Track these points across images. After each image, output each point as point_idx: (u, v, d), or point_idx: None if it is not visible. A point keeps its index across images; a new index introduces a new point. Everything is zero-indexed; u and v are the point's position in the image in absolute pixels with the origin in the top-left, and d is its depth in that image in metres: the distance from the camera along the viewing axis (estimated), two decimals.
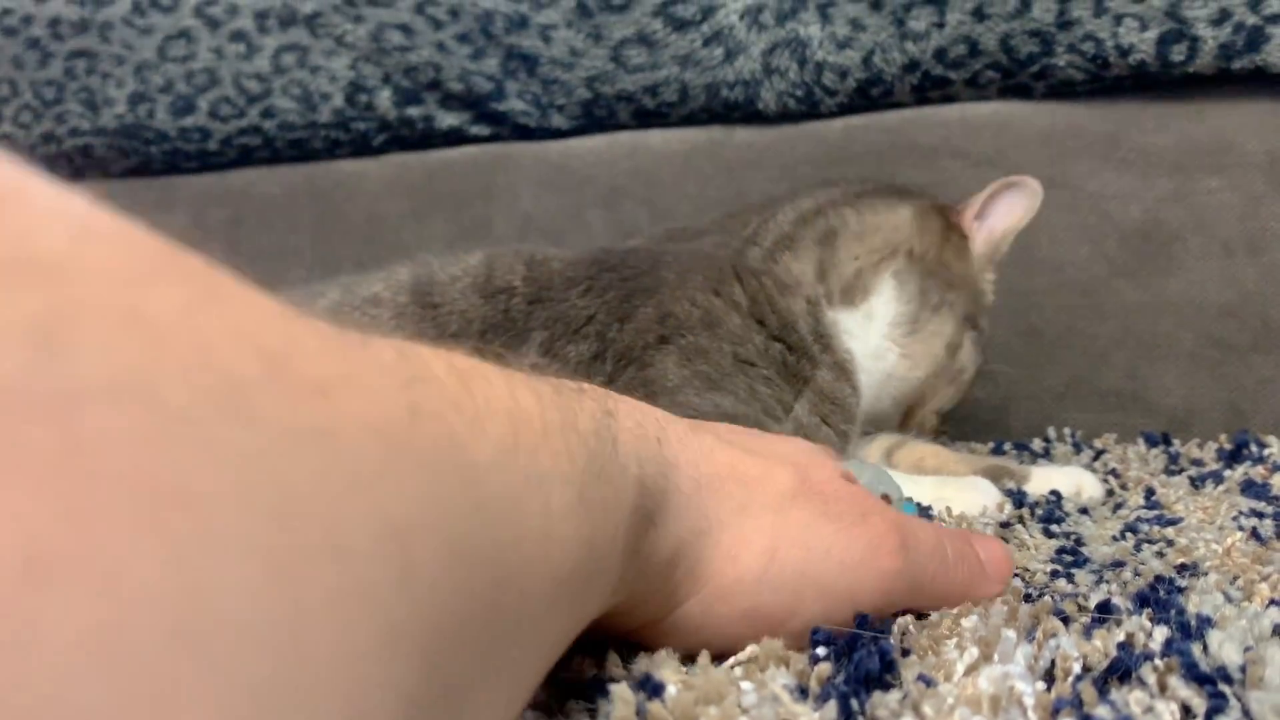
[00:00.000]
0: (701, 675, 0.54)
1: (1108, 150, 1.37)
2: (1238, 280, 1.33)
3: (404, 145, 1.68)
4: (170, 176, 1.79)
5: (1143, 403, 1.38)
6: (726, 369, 1.03)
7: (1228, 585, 0.70)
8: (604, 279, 1.10)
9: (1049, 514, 0.95)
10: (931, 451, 1.15)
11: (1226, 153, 1.33)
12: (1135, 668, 0.55)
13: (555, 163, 1.60)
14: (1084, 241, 1.39)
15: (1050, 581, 0.75)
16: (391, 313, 1.12)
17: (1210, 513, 0.94)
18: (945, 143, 1.42)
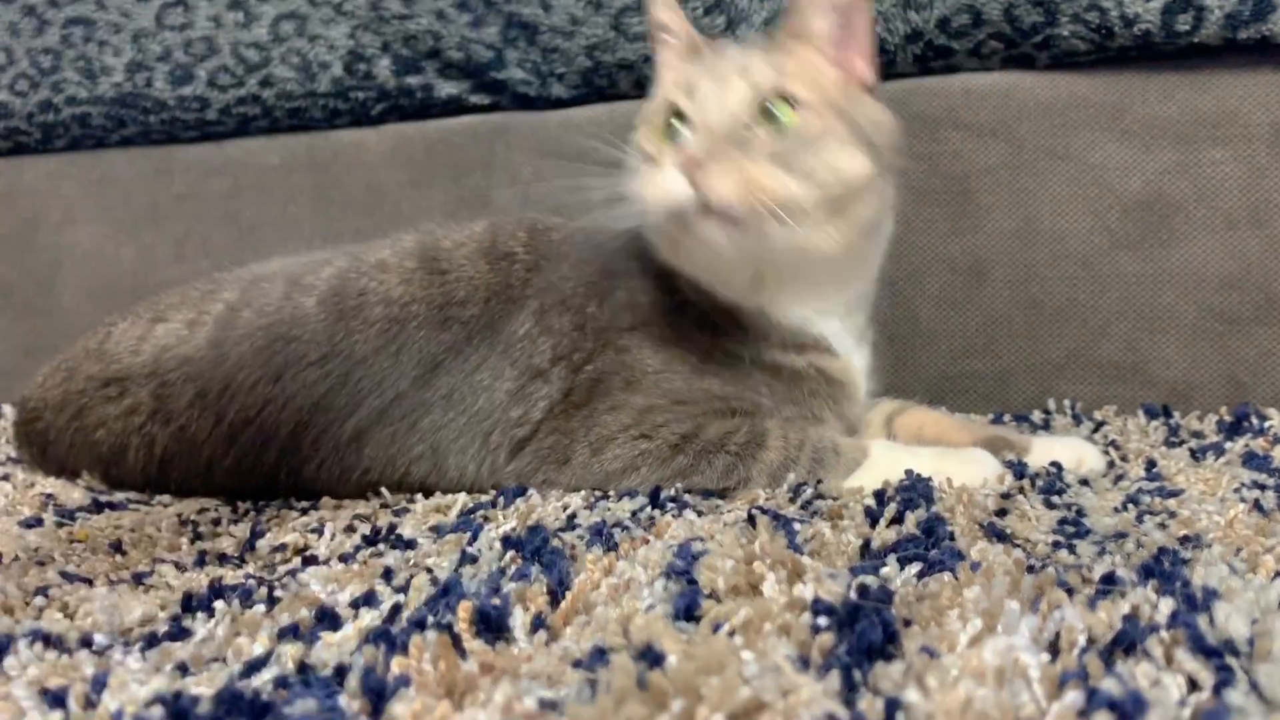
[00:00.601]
0: (703, 645, 0.54)
1: (1111, 121, 1.36)
2: (1240, 252, 1.33)
3: (403, 115, 1.67)
4: (168, 146, 1.78)
5: (1143, 375, 1.38)
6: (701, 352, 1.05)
7: (1232, 557, 0.70)
8: (589, 252, 1.12)
9: (1050, 485, 0.95)
10: (932, 420, 1.15)
11: (1231, 124, 1.32)
12: (1141, 640, 0.55)
13: (554, 133, 1.59)
14: (1086, 213, 1.38)
15: (1052, 552, 0.75)
16: (399, 278, 1.13)
17: (1212, 485, 0.94)
18: (948, 113, 1.42)
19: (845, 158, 0.99)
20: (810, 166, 0.97)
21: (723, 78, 1.00)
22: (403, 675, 0.56)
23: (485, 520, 0.91)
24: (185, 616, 0.72)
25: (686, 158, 0.93)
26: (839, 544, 0.76)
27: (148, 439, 1.13)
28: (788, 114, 0.97)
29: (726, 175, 0.92)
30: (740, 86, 0.98)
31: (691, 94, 1.00)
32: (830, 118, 0.99)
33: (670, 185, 0.94)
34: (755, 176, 0.93)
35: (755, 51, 1.03)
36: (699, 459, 1.00)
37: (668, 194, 0.95)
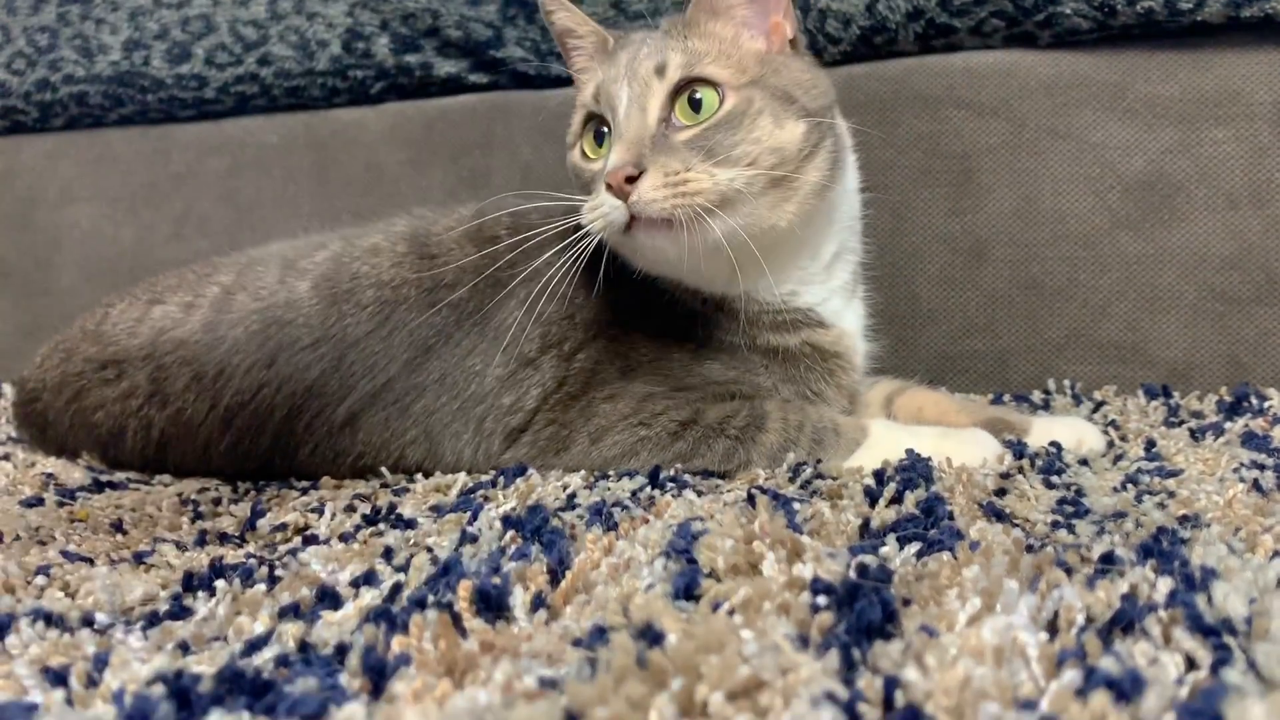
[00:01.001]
0: (702, 624, 0.54)
1: (1113, 100, 1.36)
2: (1241, 232, 1.32)
3: (402, 93, 1.67)
4: (166, 125, 1.77)
5: (1143, 355, 1.37)
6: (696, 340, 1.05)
7: (1231, 537, 0.70)
8: (571, 240, 1.11)
9: (1049, 465, 0.95)
10: (932, 400, 1.15)
11: (1233, 103, 1.31)
12: (1139, 619, 0.55)
13: (554, 111, 1.57)
14: (1087, 193, 1.38)
15: (1051, 532, 0.75)
16: (390, 262, 1.13)
17: (1211, 465, 0.94)
18: (949, 92, 1.41)
19: (777, 131, 0.98)
20: (741, 149, 0.96)
21: (635, 77, 0.99)
22: (403, 654, 0.56)
23: (485, 500, 0.91)
24: (186, 595, 0.72)
25: (611, 178, 0.93)
26: (838, 523, 0.76)
27: (145, 422, 1.13)
28: (709, 100, 0.97)
29: (652, 186, 0.92)
30: (654, 85, 0.98)
31: (609, 101, 1.00)
32: (755, 93, 0.98)
33: (606, 209, 0.95)
34: (682, 178, 0.93)
35: (667, 40, 1.01)
36: (698, 444, 1.00)
37: (606, 218, 0.96)
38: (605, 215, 0.95)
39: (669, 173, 0.93)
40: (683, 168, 0.93)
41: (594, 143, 1.03)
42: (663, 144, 0.95)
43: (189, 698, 0.51)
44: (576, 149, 1.05)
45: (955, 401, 1.17)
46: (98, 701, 0.53)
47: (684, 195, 0.93)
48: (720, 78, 0.97)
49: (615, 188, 0.93)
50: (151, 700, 0.50)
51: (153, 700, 0.50)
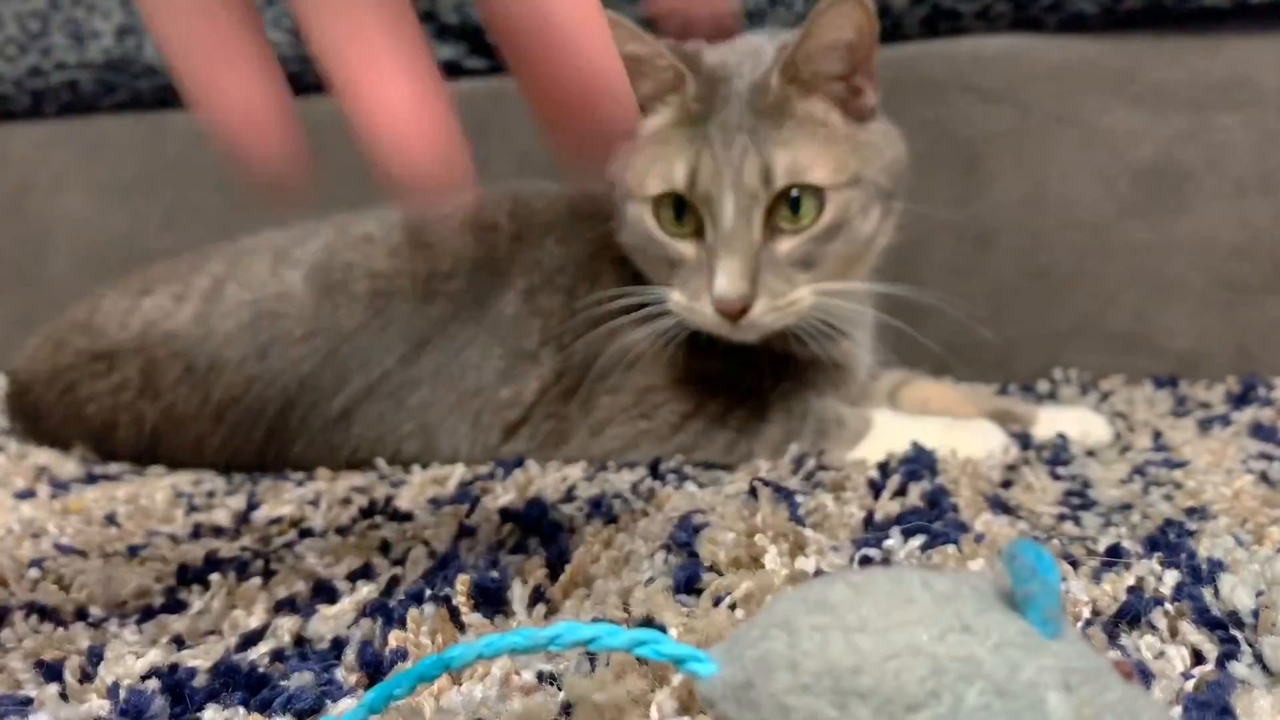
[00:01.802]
0: (704, 618, 0.54)
1: (1121, 86, 1.34)
2: (1250, 220, 1.31)
3: None
4: (160, 112, 1.76)
5: (1150, 344, 1.37)
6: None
7: (1238, 529, 0.70)
8: (575, 228, 1.11)
9: (1055, 456, 0.94)
10: (937, 392, 1.14)
11: (1242, 89, 1.30)
12: (1146, 612, 0.54)
13: None
14: (1094, 180, 1.37)
15: (1057, 524, 0.74)
16: (385, 251, 1.12)
17: (1218, 455, 0.94)
18: (955, 77, 1.40)
19: (864, 226, 0.96)
20: (832, 254, 0.95)
21: (741, 185, 0.91)
22: (400, 649, 0.55)
23: (483, 492, 0.90)
24: (181, 589, 0.71)
25: (724, 307, 0.91)
26: (842, 516, 0.75)
27: (137, 415, 1.12)
28: (809, 207, 0.93)
29: (761, 313, 0.92)
30: (761, 195, 0.92)
31: (707, 200, 0.93)
32: (854, 195, 0.95)
33: (712, 323, 0.94)
34: (788, 300, 0.93)
35: (763, 125, 0.93)
36: (700, 436, 0.99)
37: (708, 324, 0.95)
38: (710, 325, 0.95)
39: (776, 295, 0.92)
40: (788, 288, 0.93)
41: (673, 216, 0.96)
42: (767, 260, 0.92)
43: (184, 692, 0.51)
44: (649, 216, 0.97)
45: (960, 392, 1.16)
46: (92, 696, 0.53)
47: (786, 314, 0.94)
48: (822, 181, 0.93)
49: (727, 314, 0.92)
50: (146, 694, 0.50)
51: (147, 694, 0.50)
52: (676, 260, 0.96)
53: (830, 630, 0.35)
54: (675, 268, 0.97)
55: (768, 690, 0.35)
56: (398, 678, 0.43)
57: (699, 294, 0.93)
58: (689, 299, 0.95)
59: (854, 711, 0.33)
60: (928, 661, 0.33)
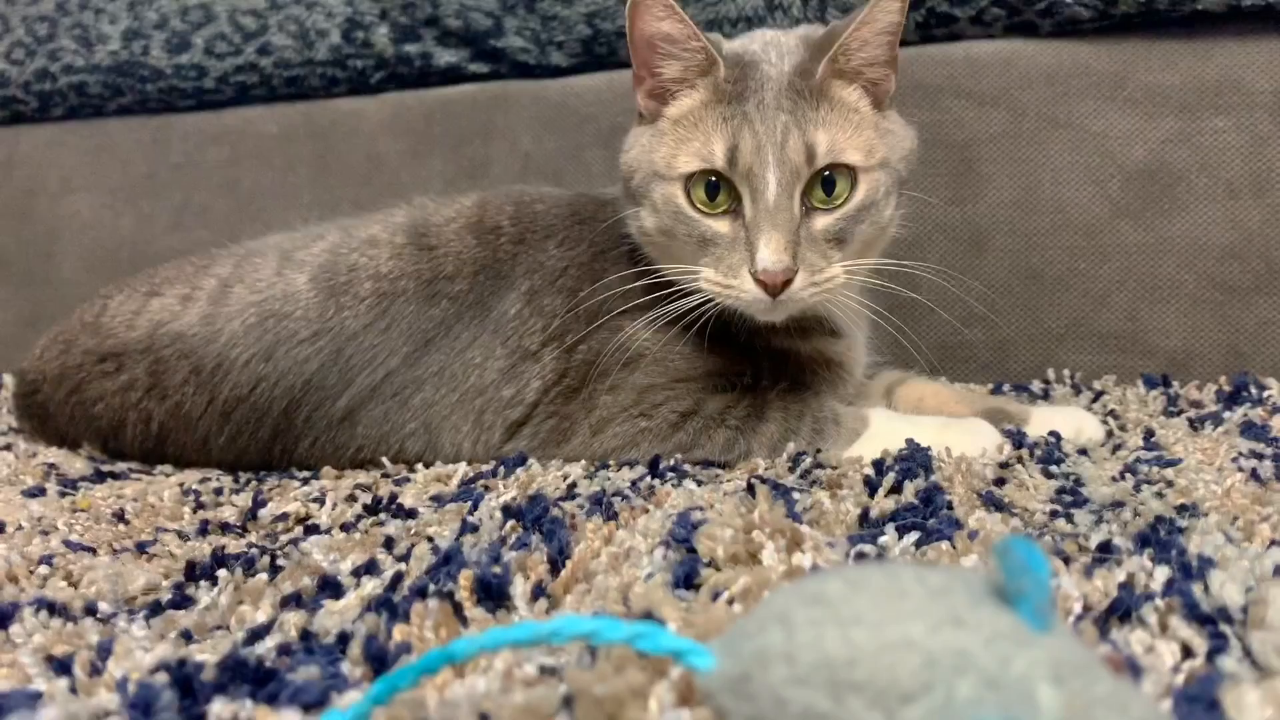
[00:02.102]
0: (702, 613, 0.55)
1: (1113, 89, 1.35)
2: (1241, 222, 1.32)
3: (402, 83, 1.66)
4: (166, 115, 1.77)
5: (1142, 344, 1.38)
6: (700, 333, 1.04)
7: (1228, 526, 0.71)
8: (577, 231, 1.11)
9: (1048, 455, 0.95)
10: (931, 391, 1.15)
11: (1234, 92, 1.31)
12: (1136, 608, 0.55)
13: (555, 101, 1.58)
14: (1087, 182, 1.38)
15: (1050, 521, 0.75)
16: (389, 253, 1.13)
17: (1210, 454, 0.95)
18: (949, 81, 1.41)
19: (886, 210, 1.00)
20: (861, 234, 0.98)
21: (785, 161, 0.93)
22: (404, 643, 0.56)
23: (486, 490, 0.91)
24: (188, 585, 0.72)
25: (768, 278, 0.92)
26: (838, 513, 0.76)
27: (144, 415, 1.13)
28: (843, 187, 0.96)
29: (801, 287, 0.93)
30: (803, 172, 0.94)
31: (749, 176, 0.94)
32: (881, 176, 0.98)
33: (748, 298, 0.94)
34: (825, 276, 0.95)
35: (802, 107, 0.95)
36: (699, 434, 1.00)
37: (745, 303, 0.96)
38: (744, 301, 0.95)
39: (814, 270, 0.94)
40: (825, 263, 0.95)
41: (705, 195, 0.97)
42: (805, 236, 0.94)
43: (192, 686, 0.52)
44: (680, 193, 0.98)
45: (955, 391, 1.17)
46: (101, 690, 0.54)
47: (823, 290, 0.95)
48: (857, 162, 0.96)
49: (770, 287, 0.92)
50: (154, 689, 0.50)
51: (156, 689, 0.50)
52: (710, 238, 0.97)
53: (826, 624, 0.36)
54: (706, 246, 0.97)
55: (765, 683, 0.36)
56: (402, 671, 0.45)
57: (736, 269, 0.94)
58: (724, 275, 0.95)
59: (849, 703, 0.34)
60: (921, 655, 0.34)
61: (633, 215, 1.04)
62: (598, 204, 1.13)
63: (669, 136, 0.99)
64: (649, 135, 1.02)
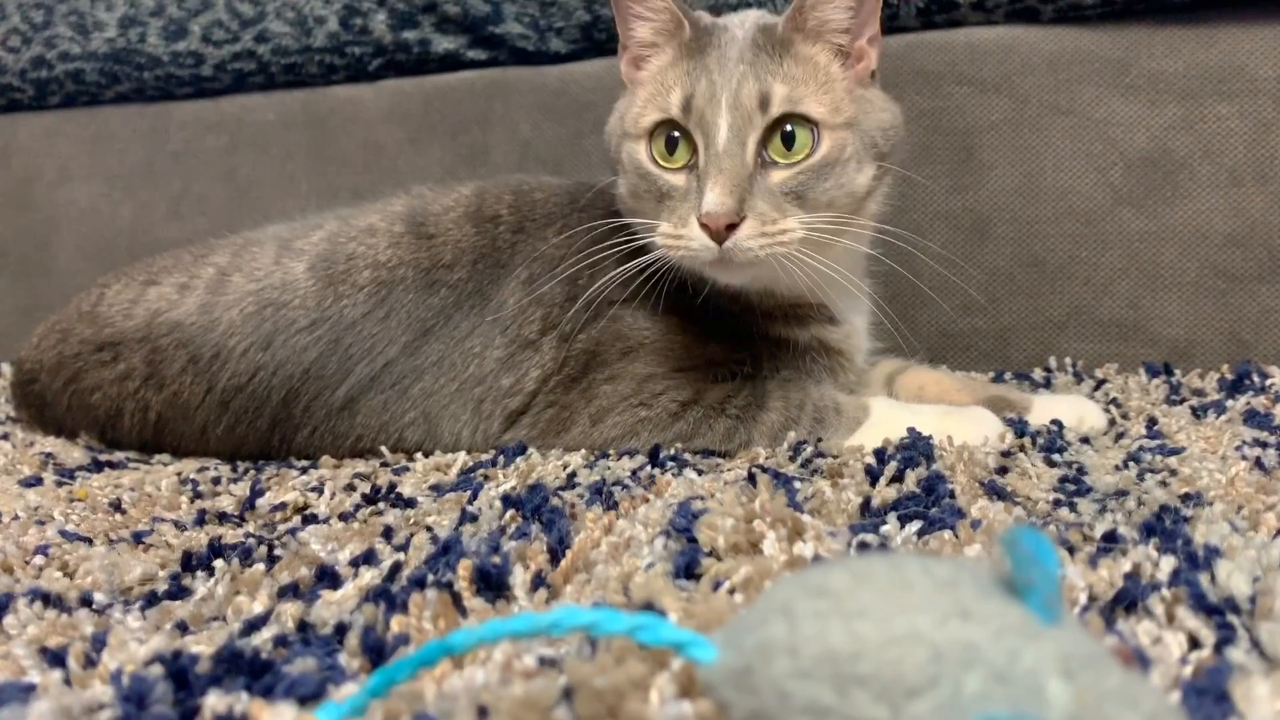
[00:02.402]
0: (703, 603, 0.54)
1: (1116, 76, 1.35)
2: (1244, 209, 1.32)
3: (400, 70, 1.65)
4: (164, 103, 1.76)
5: (1145, 333, 1.37)
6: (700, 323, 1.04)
7: (1233, 515, 0.70)
8: (575, 219, 1.11)
9: (1051, 443, 0.94)
10: (933, 379, 1.15)
11: (1237, 78, 1.30)
12: (1143, 598, 0.55)
13: (553, 88, 1.57)
14: (1089, 170, 1.37)
15: (1053, 510, 0.75)
16: (387, 242, 1.12)
17: (1213, 442, 0.94)
18: (951, 68, 1.40)
19: (858, 176, 0.98)
20: (827, 194, 0.95)
21: (738, 106, 0.93)
22: (402, 634, 0.56)
23: (485, 479, 0.91)
24: (185, 575, 0.72)
25: (710, 221, 0.90)
26: (839, 502, 0.76)
27: (142, 404, 1.12)
28: (803, 138, 0.94)
29: (749, 235, 0.91)
30: (756, 119, 0.93)
31: (702, 123, 0.94)
32: (848, 136, 0.96)
33: (696, 246, 0.92)
34: (779, 227, 0.92)
35: (762, 59, 0.96)
36: (699, 424, 1.00)
37: (693, 254, 0.93)
38: (693, 252, 0.93)
39: (766, 221, 0.92)
40: (778, 215, 0.92)
41: (664, 149, 0.97)
42: (759, 186, 0.93)
43: (187, 678, 0.51)
44: (643, 149, 0.99)
45: (956, 380, 1.17)
46: (95, 682, 0.53)
47: (775, 242, 0.92)
48: (819, 116, 0.95)
49: (714, 231, 0.91)
50: (149, 681, 0.50)
51: (150, 681, 0.50)
52: (666, 191, 0.97)
53: (830, 616, 0.36)
54: (664, 201, 0.97)
55: (767, 676, 0.36)
56: (399, 663, 0.44)
57: (686, 218, 0.93)
58: (675, 226, 0.94)
59: (853, 697, 0.34)
60: (928, 648, 0.34)
61: (614, 185, 1.05)
62: (597, 192, 1.12)
63: (638, 97, 1.01)
64: (624, 101, 1.04)
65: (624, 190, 1.02)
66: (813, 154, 0.95)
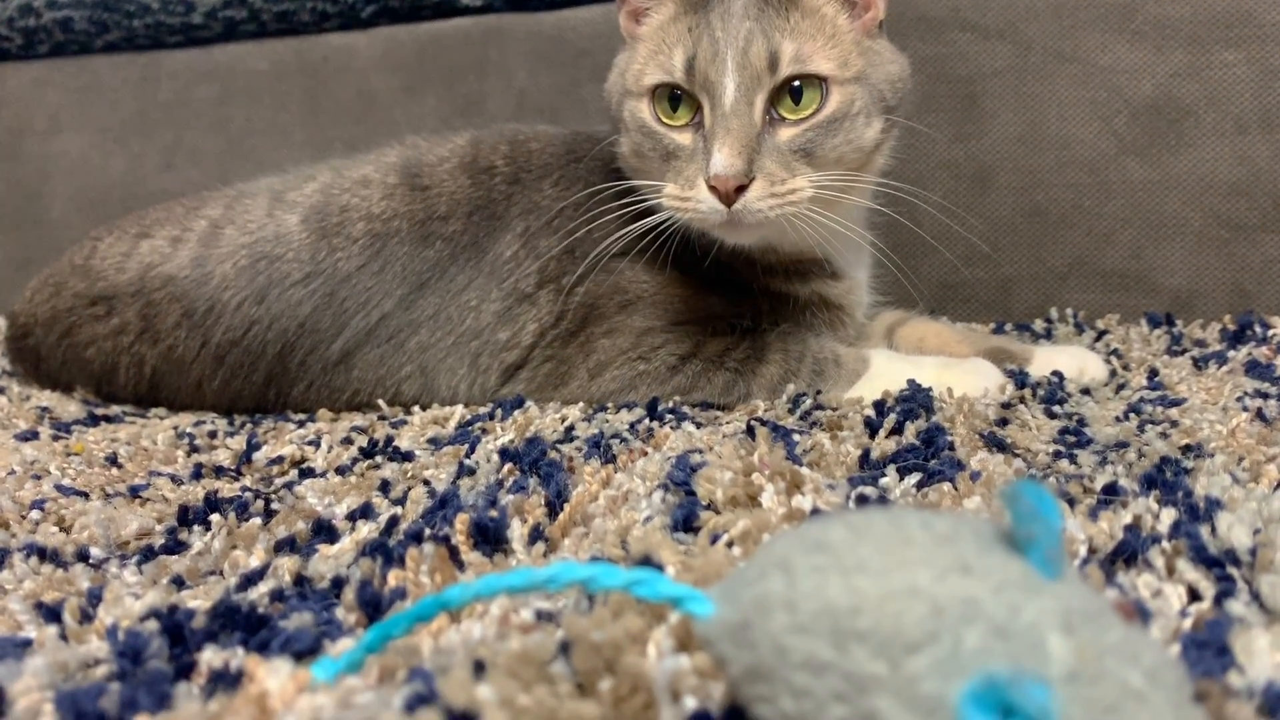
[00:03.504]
0: (701, 556, 0.54)
1: (1121, 22, 1.33)
2: (1249, 158, 1.30)
3: (394, 17, 1.63)
4: (154, 51, 1.73)
5: (1147, 283, 1.36)
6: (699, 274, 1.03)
7: (1234, 466, 0.70)
8: (572, 170, 1.09)
9: (1051, 395, 0.94)
10: (933, 331, 1.14)
11: (1245, 24, 1.28)
12: (1143, 550, 0.54)
13: (550, 35, 1.55)
14: (1093, 118, 1.35)
15: (1053, 462, 0.74)
16: (381, 194, 1.11)
17: (1214, 394, 0.94)
18: (954, 14, 1.38)
19: (866, 131, 0.96)
20: (836, 150, 0.94)
21: (746, 66, 0.91)
22: (399, 588, 0.56)
23: (483, 432, 0.91)
24: (181, 530, 0.71)
25: (719, 184, 0.89)
26: (838, 455, 0.76)
27: (137, 359, 1.12)
28: (811, 94, 0.93)
29: (758, 196, 0.89)
30: (764, 79, 0.91)
31: (707, 84, 0.92)
32: (857, 91, 0.94)
33: (704, 209, 0.91)
34: (788, 187, 0.91)
35: (769, 13, 0.94)
36: (698, 377, 0.99)
37: (701, 216, 0.92)
38: (701, 213, 0.92)
39: (774, 180, 0.90)
40: (787, 174, 0.91)
41: (668, 106, 0.95)
42: (767, 145, 0.91)
43: (183, 633, 0.51)
44: (646, 107, 0.97)
45: (957, 331, 1.16)
46: (91, 637, 0.53)
47: (785, 202, 0.91)
48: (827, 72, 0.93)
49: (723, 194, 0.89)
50: (144, 636, 0.50)
51: (145, 636, 0.50)
52: (672, 151, 0.95)
53: (829, 571, 0.35)
54: (670, 160, 0.95)
55: (765, 630, 0.35)
56: (395, 618, 0.44)
57: (693, 180, 0.92)
58: (683, 188, 0.93)
59: (852, 653, 0.33)
60: (927, 603, 0.33)
61: (615, 143, 1.03)
62: (594, 142, 1.11)
63: (639, 53, 0.99)
64: (624, 56, 1.02)
65: (626, 149, 1.00)
66: (821, 110, 0.93)
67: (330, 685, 0.42)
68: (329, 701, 0.40)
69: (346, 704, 0.40)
